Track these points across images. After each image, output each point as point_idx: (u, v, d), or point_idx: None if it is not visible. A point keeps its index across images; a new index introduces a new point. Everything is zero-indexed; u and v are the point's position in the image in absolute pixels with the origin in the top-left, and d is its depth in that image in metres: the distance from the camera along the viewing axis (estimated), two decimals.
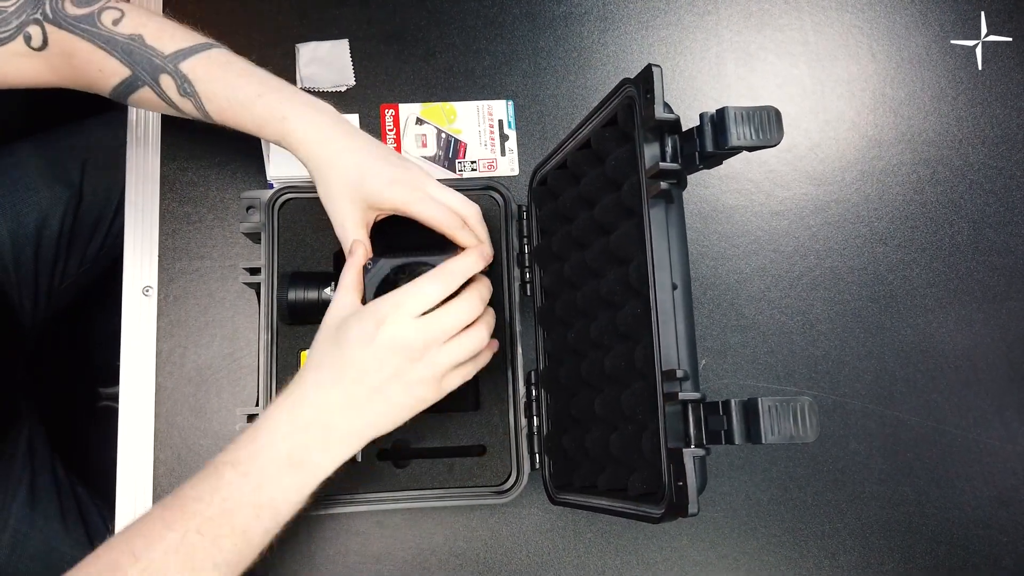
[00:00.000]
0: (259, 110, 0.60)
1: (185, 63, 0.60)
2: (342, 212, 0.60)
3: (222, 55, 0.62)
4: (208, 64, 0.60)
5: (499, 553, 0.72)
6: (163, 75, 0.60)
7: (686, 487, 0.44)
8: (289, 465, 0.51)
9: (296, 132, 0.60)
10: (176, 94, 0.60)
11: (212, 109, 0.61)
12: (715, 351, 0.77)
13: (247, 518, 0.49)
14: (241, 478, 0.50)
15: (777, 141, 0.46)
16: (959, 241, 0.81)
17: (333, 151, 0.60)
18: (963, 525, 0.75)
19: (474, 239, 0.61)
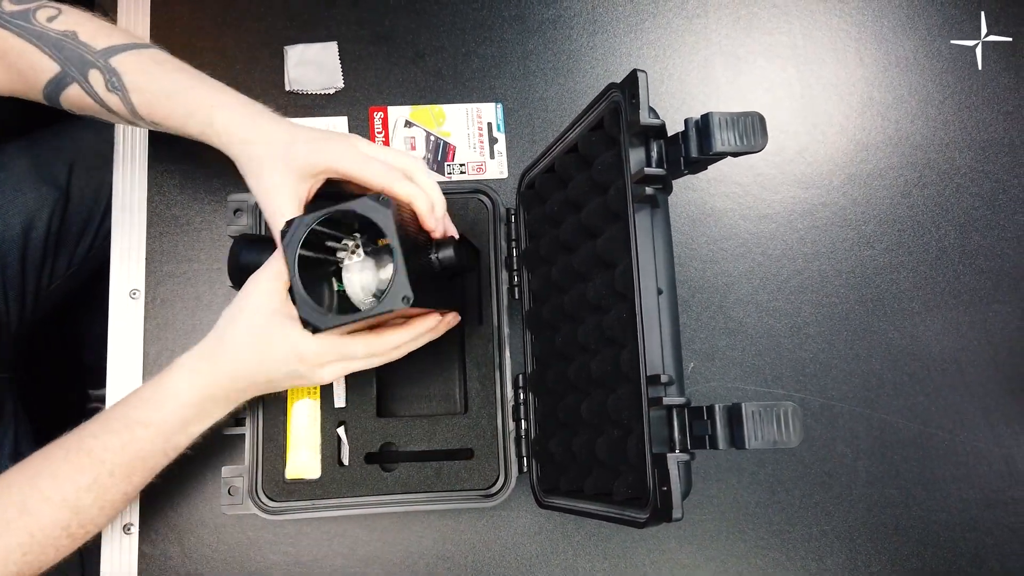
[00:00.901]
0: (188, 99, 0.60)
1: (115, 58, 0.60)
2: (274, 187, 0.59)
3: (157, 54, 0.62)
4: (138, 58, 0.60)
5: (487, 556, 0.72)
6: (92, 70, 0.59)
7: (670, 492, 0.44)
8: (194, 420, 0.59)
9: (222, 116, 0.60)
10: (103, 89, 0.60)
11: (138, 101, 0.60)
12: (703, 354, 0.77)
13: (157, 460, 0.59)
14: (153, 435, 0.57)
15: (761, 147, 0.46)
16: (946, 244, 0.82)
17: (260, 128, 0.60)
18: (949, 527, 0.76)
19: (415, 190, 0.58)
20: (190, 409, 0.58)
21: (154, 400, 0.57)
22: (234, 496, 0.65)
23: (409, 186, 0.58)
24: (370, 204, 0.53)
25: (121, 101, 0.60)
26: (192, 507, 0.70)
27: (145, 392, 0.58)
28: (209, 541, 0.70)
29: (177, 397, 0.57)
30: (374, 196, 0.53)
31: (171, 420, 0.57)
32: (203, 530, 0.70)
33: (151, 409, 0.57)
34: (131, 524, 0.69)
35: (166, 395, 0.57)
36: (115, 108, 0.61)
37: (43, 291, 0.90)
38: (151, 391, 0.58)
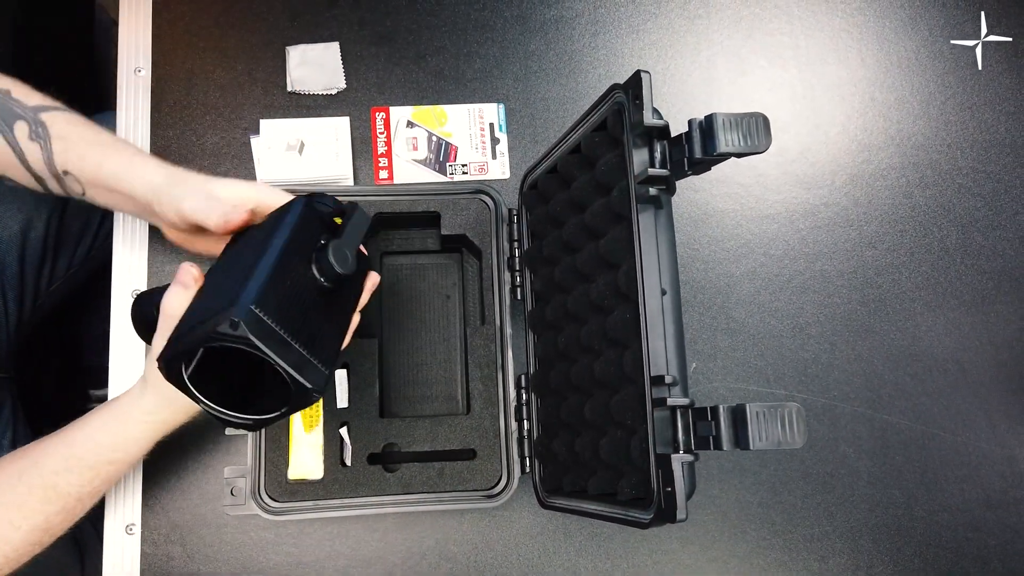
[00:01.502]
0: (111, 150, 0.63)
1: (44, 114, 0.62)
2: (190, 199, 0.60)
3: (83, 119, 0.64)
4: (66, 115, 0.63)
5: (489, 557, 0.72)
6: (19, 121, 0.62)
7: (675, 493, 0.44)
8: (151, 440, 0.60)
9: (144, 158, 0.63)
10: (26, 138, 0.62)
11: (58, 148, 0.62)
12: (705, 354, 0.77)
13: (120, 476, 0.62)
14: (119, 468, 0.60)
15: (765, 148, 0.46)
16: (948, 245, 0.82)
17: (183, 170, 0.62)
18: (952, 528, 0.76)
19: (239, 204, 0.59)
20: (148, 444, 0.60)
21: (116, 447, 0.59)
22: (236, 496, 0.65)
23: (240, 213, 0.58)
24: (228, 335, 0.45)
25: (41, 149, 0.62)
26: (194, 508, 0.70)
27: (103, 440, 0.59)
28: (211, 541, 0.69)
29: (138, 443, 0.59)
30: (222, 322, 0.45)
31: (136, 456, 0.60)
32: (205, 530, 0.70)
33: (114, 452, 0.59)
34: (133, 524, 0.69)
35: (127, 442, 0.59)
36: (31, 157, 0.62)
37: (42, 292, 0.90)
38: (109, 439, 0.59)
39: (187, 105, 0.77)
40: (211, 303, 0.49)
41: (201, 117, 0.77)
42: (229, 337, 0.45)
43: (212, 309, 0.47)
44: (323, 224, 0.56)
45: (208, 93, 0.78)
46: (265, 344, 0.45)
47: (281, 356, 0.46)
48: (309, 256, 0.52)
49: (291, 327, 0.47)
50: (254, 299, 0.46)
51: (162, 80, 0.78)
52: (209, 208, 0.58)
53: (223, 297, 0.47)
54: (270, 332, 0.46)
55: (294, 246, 0.52)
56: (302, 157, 0.75)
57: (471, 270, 0.75)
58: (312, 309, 0.51)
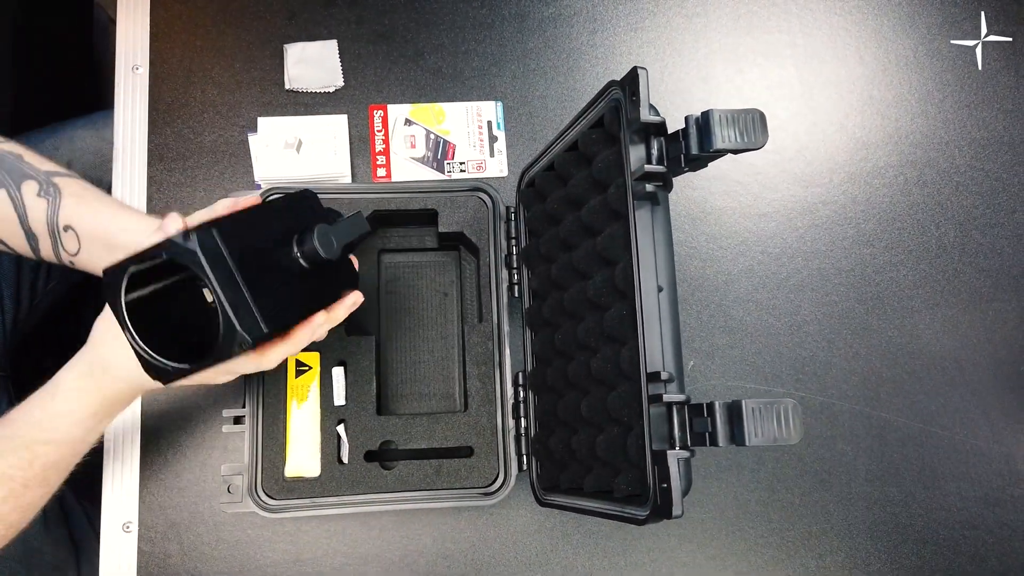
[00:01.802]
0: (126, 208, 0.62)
1: (58, 178, 0.62)
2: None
3: (96, 187, 0.64)
4: (82, 182, 0.63)
5: (486, 554, 0.72)
6: (28, 181, 0.61)
7: (671, 489, 0.44)
8: (97, 425, 0.58)
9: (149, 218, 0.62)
10: (33, 195, 0.61)
11: (68, 203, 0.61)
12: (703, 352, 0.77)
13: (70, 461, 0.58)
14: (57, 449, 0.56)
15: (762, 144, 0.46)
16: (946, 243, 0.82)
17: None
18: (949, 525, 0.76)
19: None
20: (88, 421, 0.57)
21: (45, 422, 0.56)
22: (233, 494, 0.65)
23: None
24: (177, 245, 0.45)
25: (48, 206, 0.61)
26: (191, 505, 0.70)
27: (34, 414, 0.56)
28: (208, 539, 0.69)
29: (70, 415, 0.56)
30: (183, 233, 0.46)
31: (70, 435, 0.57)
32: (202, 528, 0.70)
33: (46, 430, 0.56)
34: (130, 523, 0.69)
35: (58, 416, 0.56)
36: (34, 213, 0.61)
37: (39, 290, 0.90)
38: (40, 412, 0.56)
39: (185, 103, 0.77)
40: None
41: (199, 115, 0.77)
42: (178, 249, 0.44)
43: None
44: (321, 215, 0.56)
45: (206, 91, 0.78)
46: (211, 267, 0.44)
47: (221, 285, 0.45)
48: (296, 231, 0.52)
49: (247, 272, 0.47)
50: (219, 228, 0.45)
51: (160, 78, 0.78)
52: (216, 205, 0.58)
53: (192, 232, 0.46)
54: (221, 260, 0.45)
55: (283, 214, 0.52)
56: (300, 155, 0.75)
57: (469, 268, 0.75)
58: (278, 274, 0.50)
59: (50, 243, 0.63)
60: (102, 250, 0.62)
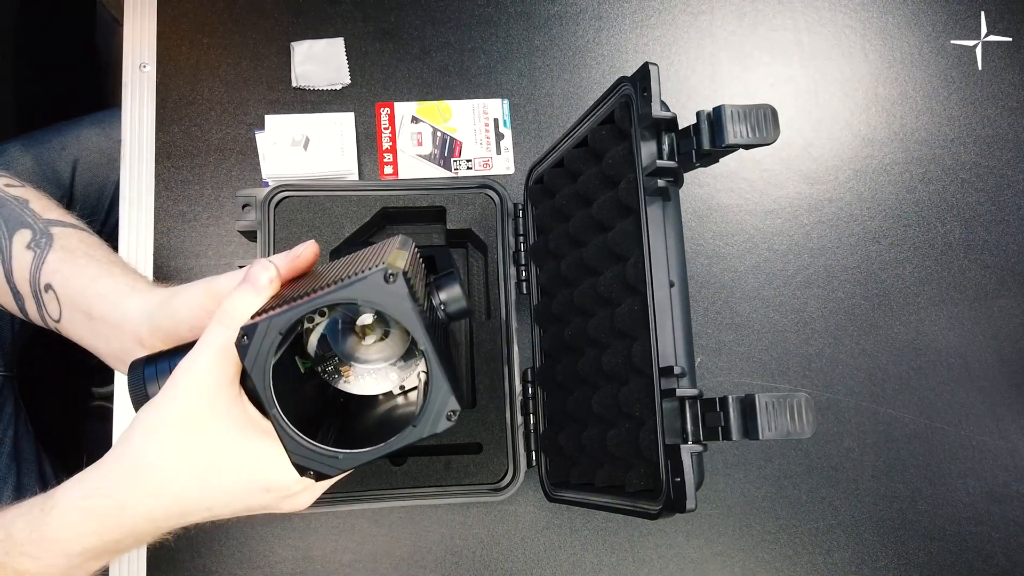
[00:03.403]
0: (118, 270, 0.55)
1: (58, 228, 0.56)
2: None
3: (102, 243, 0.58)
4: (84, 236, 0.57)
5: (495, 551, 0.72)
6: (24, 229, 0.56)
7: (684, 483, 0.44)
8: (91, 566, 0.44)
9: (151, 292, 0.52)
10: (22, 247, 0.55)
11: (53, 258, 0.54)
12: (710, 349, 0.77)
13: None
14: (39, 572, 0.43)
15: (774, 139, 0.46)
16: (951, 240, 0.82)
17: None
18: (956, 521, 0.76)
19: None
20: (77, 558, 0.42)
21: (29, 544, 0.42)
22: None
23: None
24: (377, 285, 0.36)
25: (33, 259, 0.54)
26: None
27: (20, 531, 0.42)
28: (218, 536, 0.69)
29: (59, 544, 0.41)
30: (380, 269, 0.36)
31: (52, 569, 0.42)
32: (211, 524, 0.69)
33: (24, 556, 0.42)
34: None
35: (43, 540, 0.41)
36: (18, 267, 0.55)
37: None
38: (27, 529, 0.42)
39: (192, 101, 0.78)
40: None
41: (206, 113, 0.77)
42: (377, 296, 0.35)
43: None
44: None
45: (213, 89, 0.78)
46: (420, 318, 0.36)
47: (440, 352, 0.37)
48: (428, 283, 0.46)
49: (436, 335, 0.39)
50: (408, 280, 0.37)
51: (167, 76, 0.78)
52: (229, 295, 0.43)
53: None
54: (423, 312, 0.37)
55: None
56: (307, 152, 0.75)
57: (476, 264, 0.75)
58: (439, 338, 0.41)
59: (34, 304, 0.55)
60: (83, 320, 0.53)
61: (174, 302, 0.48)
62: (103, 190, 0.90)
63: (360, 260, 0.41)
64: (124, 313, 0.50)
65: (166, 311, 0.48)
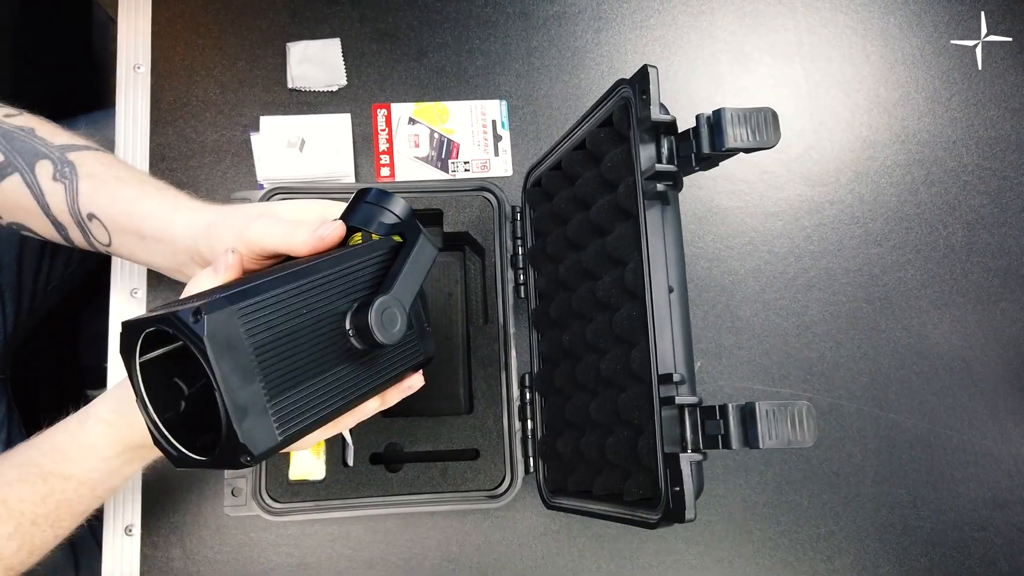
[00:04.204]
0: (149, 187, 0.56)
1: (74, 153, 0.56)
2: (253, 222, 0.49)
3: (118, 159, 0.59)
4: (101, 156, 0.57)
5: (492, 558, 0.71)
6: (42, 160, 0.55)
7: (683, 492, 0.44)
8: (122, 467, 0.53)
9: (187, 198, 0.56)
10: (49, 179, 0.55)
11: (85, 188, 0.55)
12: (710, 353, 0.77)
13: (87, 505, 0.53)
14: (76, 487, 0.51)
15: (774, 142, 0.45)
16: (953, 242, 0.81)
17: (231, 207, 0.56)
18: (958, 527, 0.75)
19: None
20: (114, 460, 0.52)
21: (71, 453, 0.51)
22: (237, 497, 0.64)
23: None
24: (182, 324, 0.36)
25: (65, 190, 0.55)
26: (194, 508, 0.69)
27: (60, 442, 0.51)
28: (211, 543, 0.69)
29: (95, 450, 0.51)
30: (189, 308, 0.36)
31: (94, 472, 0.52)
32: (206, 531, 0.69)
33: (69, 462, 0.51)
34: (132, 526, 0.68)
35: (83, 448, 0.51)
36: (53, 200, 0.56)
37: (40, 292, 0.89)
38: (67, 441, 0.51)
39: (187, 102, 0.77)
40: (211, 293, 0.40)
41: (201, 114, 0.77)
42: (183, 327, 0.35)
43: (201, 296, 0.39)
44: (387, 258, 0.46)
45: (208, 90, 0.77)
46: (216, 355, 0.35)
47: (227, 384, 0.36)
48: (353, 296, 0.43)
49: (270, 361, 0.37)
50: (245, 303, 0.37)
51: (162, 77, 0.77)
52: (293, 227, 0.47)
53: (223, 291, 0.39)
54: (236, 347, 0.36)
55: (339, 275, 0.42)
56: (303, 154, 0.75)
57: (474, 268, 0.75)
58: (317, 359, 0.40)
59: (79, 232, 0.57)
60: (135, 241, 0.56)
61: (217, 232, 0.52)
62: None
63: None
64: (173, 233, 0.54)
65: (211, 238, 0.52)
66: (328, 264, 0.43)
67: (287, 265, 0.45)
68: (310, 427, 0.41)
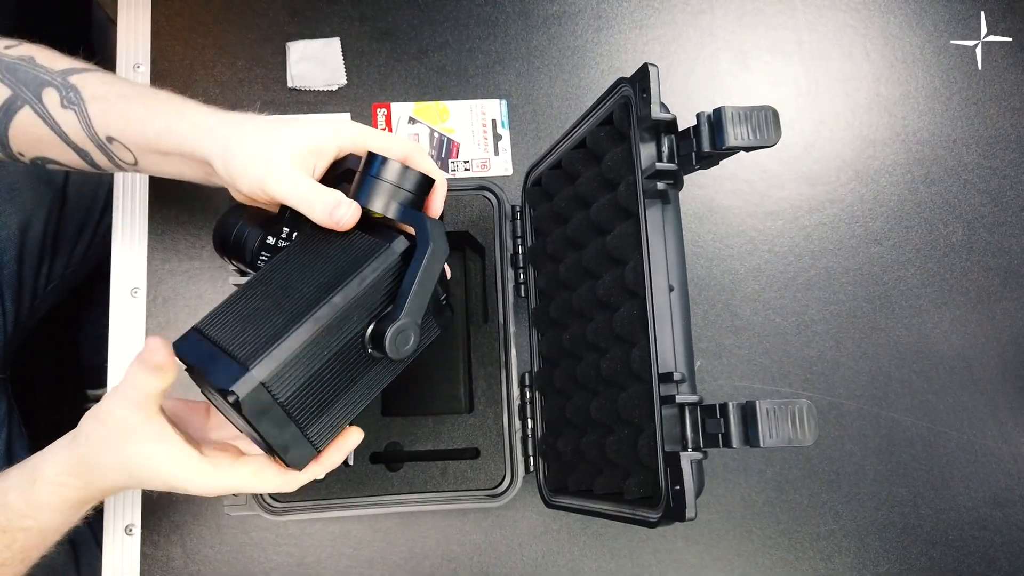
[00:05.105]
0: (150, 100, 0.55)
1: (74, 76, 0.55)
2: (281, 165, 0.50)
3: (117, 76, 0.58)
4: (98, 75, 0.56)
5: (492, 557, 0.71)
6: (47, 88, 0.55)
7: (683, 491, 0.44)
8: (76, 515, 0.54)
9: (194, 111, 0.54)
10: (58, 107, 0.55)
11: (95, 111, 0.55)
12: (710, 352, 0.77)
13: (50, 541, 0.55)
14: (37, 535, 0.53)
15: (775, 141, 0.45)
16: (953, 241, 0.81)
17: (236, 117, 0.54)
18: (958, 526, 0.75)
19: (433, 166, 0.55)
20: (70, 512, 0.54)
21: (26, 511, 0.53)
22: (237, 496, 0.64)
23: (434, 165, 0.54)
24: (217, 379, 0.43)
25: (77, 116, 0.55)
26: (195, 507, 0.69)
27: (12, 501, 0.52)
28: (212, 542, 0.69)
29: (49, 506, 0.52)
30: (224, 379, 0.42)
31: (51, 522, 0.54)
32: (206, 531, 0.69)
33: (25, 518, 0.52)
34: (133, 525, 0.68)
35: (36, 506, 0.52)
36: (68, 127, 0.55)
37: (40, 291, 0.89)
38: (19, 501, 0.52)
39: None
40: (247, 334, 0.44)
41: None
42: (218, 383, 0.42)
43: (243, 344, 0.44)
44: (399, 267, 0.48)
45: (208, 89, 0.77)
46: (254, 420, 0.43)
47: (268, 434, 0.44)
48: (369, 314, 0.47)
49: (301, 401, 0.44)
50: (269, 375, 0.42)
51: (161, 76, 0.77)
52: (311, 198, 0.49)
53: (251, 343, 0.43)
54: (269, 409, 0.43)
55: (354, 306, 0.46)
56: None
57: (474, 267, 0.75)
58: (339, 374, 0.46)
59: (103, 156, 0.57)
60: (157, 158, 0.56)
61: (232, 168, 0.52)
62: (96, 191, 0.89)
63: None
64: (193, 148, 0.53)
65: (228, 166, 0.52)
66: (342, 298, 0.46)
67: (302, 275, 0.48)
68: (333, 433, 0.48)
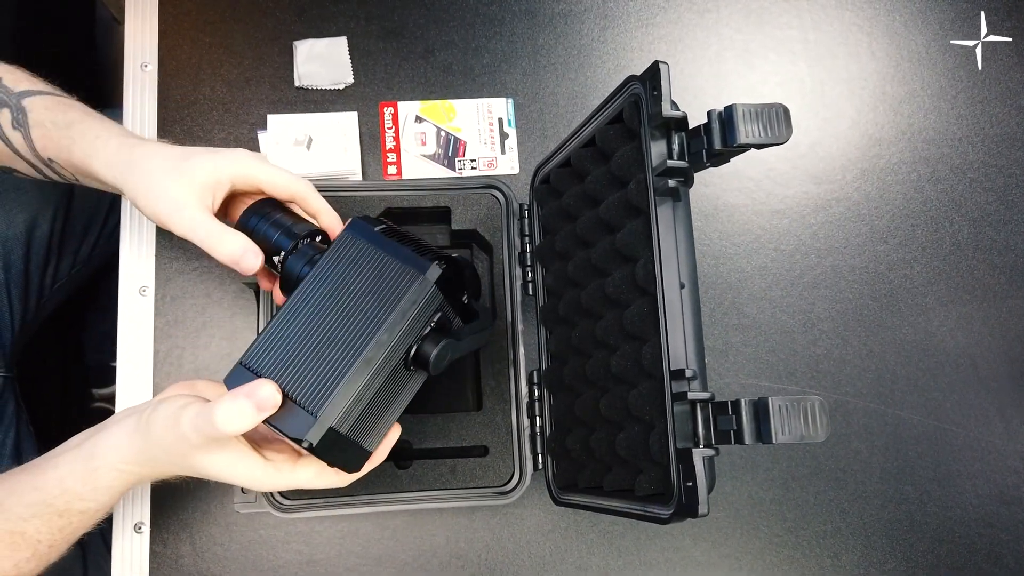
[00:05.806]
0: (76, 130, 0.58)
1: (28, 99, 0.59)
2: (179, 200, 0.54)
3: (69, 100, 0.61)
4: (47, 100, 0.60)
5: (501, 554, 0.71)
6: (3, 109, 0.59)
7: (696, 487, 0.44)
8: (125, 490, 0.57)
9: (108, 143, 0.57)
10: (9, 126, 0.59)
11: (36, 136, 0.59)
12: (716, 350, 0.77)
13: (98, 521, 0.57)
14: (90, 518, 0.56)
15: (786, 138, 0.45)
16: (959, 239, 0.81)
17: (147, 147, 0.57)
18: (965, 523, 0.75)
19: (327, 206, 0.59)
20: (121, 495, 0.57)
21: (86, 494, 0.55)
22: (247, 494, 0.64)
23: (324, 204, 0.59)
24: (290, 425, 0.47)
25: (23, 137, 0.59)
26: (204, 505, 0.69)
27: (72, 485, 0.54)
28: (221, 540, 0.69)
29: (111, 490, 0.55)
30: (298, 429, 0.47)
31: (111, 502, 0.57)
32: (215, 528, 0.69)
33: (85, 500, 0.55)
34: (142, 523, 0.68)
35: (98, 490, 0.55)
36: (18, 146, 0.59)
37: (47, 290, 0.89)
38: (79, 485, 0.54)
39: (194, 101, 0.77)
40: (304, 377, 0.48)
41: (208, 112, 0.77)
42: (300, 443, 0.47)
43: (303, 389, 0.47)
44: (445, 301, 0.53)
45: (215, 88, 0.77)
46: (323, 455, 0.48)
47: (335, 461, 0.50)
48: (413, 337, 0.51)
49: (359, 426, 0.50)
50: (335, 419, 0.47)
51: (168, 76, 0.77)
52: (212, 236, 0.54)
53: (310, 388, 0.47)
54: (335, 443, 0.48)
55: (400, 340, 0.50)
56: (310, 152, 0.75)
57: (482, 266, 0.75)
58: (386, 393, 0.51)
59: (52, 172, 0.61)
60: (96, 183, 0.60)
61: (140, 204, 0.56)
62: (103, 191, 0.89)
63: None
64: (111, 184, 0.57)
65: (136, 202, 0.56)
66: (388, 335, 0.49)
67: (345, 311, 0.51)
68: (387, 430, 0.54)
